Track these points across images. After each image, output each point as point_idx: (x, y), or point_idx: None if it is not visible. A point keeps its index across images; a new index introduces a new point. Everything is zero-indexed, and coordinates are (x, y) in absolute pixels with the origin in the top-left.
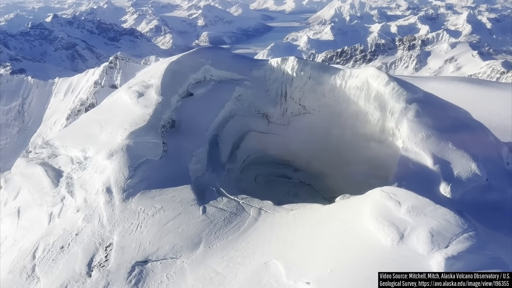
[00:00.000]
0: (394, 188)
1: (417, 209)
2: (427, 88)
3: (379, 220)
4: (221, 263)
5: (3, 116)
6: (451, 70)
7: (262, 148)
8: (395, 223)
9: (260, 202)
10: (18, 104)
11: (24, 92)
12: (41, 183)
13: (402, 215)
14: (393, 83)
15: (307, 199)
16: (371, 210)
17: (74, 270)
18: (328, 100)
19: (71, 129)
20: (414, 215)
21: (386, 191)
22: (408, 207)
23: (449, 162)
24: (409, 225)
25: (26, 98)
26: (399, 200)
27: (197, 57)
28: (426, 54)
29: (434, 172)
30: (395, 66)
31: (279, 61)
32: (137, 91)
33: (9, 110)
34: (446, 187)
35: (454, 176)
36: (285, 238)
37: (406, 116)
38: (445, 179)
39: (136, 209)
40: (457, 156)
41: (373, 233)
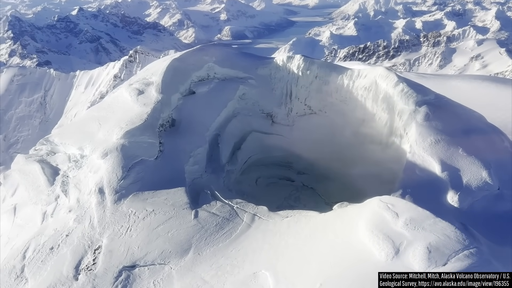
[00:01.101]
0: (393, 198)
1: (416, 222)
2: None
3: (374, 233)
4: (209, 271)
5: (25, 108)
6: (477, 67)
7: (265, 149)
8: (391, 237)
9: (255, 208)
10: (40, 96)
11: (46, 84)
12: (37, 181)
13: (399, 228)
14: (402, 84)
15: (309, 204)
16: (367, 221)
17: (61, 273)
18: (334, 101)
19: (71, 126)
20: (411, 229)
21: (384, 201)
22: (406, 219)
23: (458, 169)
24: (406, 239)
25: (48, 90)
26: (397, 212)
27: (200, 55)
28: (451, 51)
29: (442, 180)
30: (419, 63)
31: (284, 59)
32: (137, 89)
33: (31, 101)
34: (454, 196)
35: (463, 184)
36: (276, 247)
37: (415, 119)
38: (453, 187)
39: (127, 212)
40: (468, 163)
41: (367, 246)
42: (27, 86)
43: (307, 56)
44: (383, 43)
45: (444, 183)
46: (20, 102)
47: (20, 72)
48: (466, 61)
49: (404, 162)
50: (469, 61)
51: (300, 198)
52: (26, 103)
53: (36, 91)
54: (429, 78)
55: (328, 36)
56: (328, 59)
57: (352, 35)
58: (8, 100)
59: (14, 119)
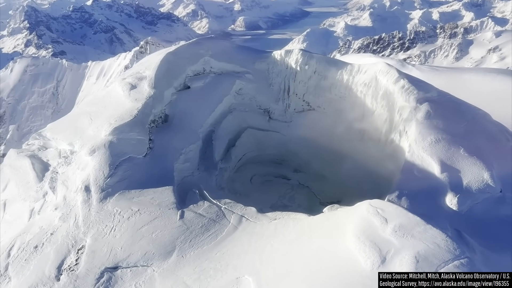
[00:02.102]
0: (383, 202)
1: (405, 229)
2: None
3: (361, 239)
4: (192, 274)
5: (38, 98)
6: (494, 60)
7: (260, 146)
8: (378, 244)
9: (243, 208)
10: (52, 86)
11: (58, 75)
12: (27, 177)
13: (387, 235)
14: (403, 81)
15: (303, 203)
16: (354, 227)
17: (43, 273)
18: (333, 97)
19: (64, 121)
20: (400, 236)
21: (374, 206)
22: (395, 226)
23: (458, 170)
24: (393, 247)
25: (61, 80)
26: (386, 217)
27: (196, 48)
28: (468, 43)
29: (440, 181)
30: (434, 55)
31: (282, 53)
32: (130, 83)
33: (44, 92)
34: (453, 198)
35: (463, 186)
36: (262, 252)
37: (415, 117)
38: (452, 189)
39: (112, 211)
40: (469, 163)
41: (353, 253)
42: (39, 77)
43: (305, 51)
44: (398, 35)
45: (443, 185)
46: (33, 92)
47: (33, 63)
48: (483, 53)
49: (402, 162)
50: (487, 53)
51: (295, 197)
52: (39, 93)
53: (49, 82)
54: (442, 71)
55: (342, 27)
56: (342, 50)
57: (367, 26)
58: (21, 90)
59: (27, 109)
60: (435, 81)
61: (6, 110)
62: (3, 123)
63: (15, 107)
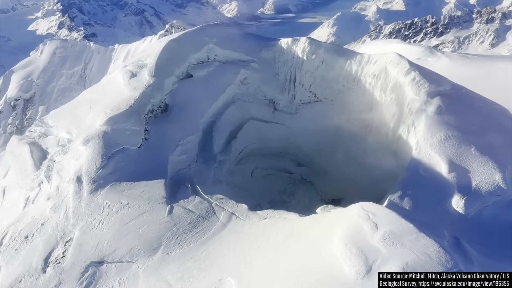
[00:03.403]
0: (376, 206)
1: (395, 237)
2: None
3: (348, 246)
4: (176, 273)
5: (66, 80)
6: None
7: (262, 139)
8: (364, 252)
9: (234, 205)
10: (80, 68)
11: (86, 57)
12: (25, 164)
13: (376, 242)
14: (414, 73)
15: (303, 199)
16: (342, 232)
17: (31, 264)
18: (341, 88)
19: (66, 108)
20: (389, 244)
21: (366, 209)
22: (385, 233)
23: (468, 171)
24: (381, 256)
25: (88, 63)
26: (377, 223)
27: (200, 35)
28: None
29: (447, 182)
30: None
31: (289, 41)
32: (130, 71)
33: (72, 74)
34: (459, 200)
35: (472, 188)
36: (247, 253)
37: (425, 112)
38: (460, 191)
39: (102, 203)
40: (480, 163)
41: (339, 260)
42: (68, 59)
43: (313, 39)
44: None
45: (450, 186)
46: (61, 75)
47: (62, 45)
48: None
49: (408, 159)
50: None
51: (296, 193)
52: (67, 75)
53: (77, 64)
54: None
55: (374, 11)
56: (372, 35)
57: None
58: (50, 72)
59: (55, 91)
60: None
61: (36, 91)
62: (32, 104)
63: (44, 89)
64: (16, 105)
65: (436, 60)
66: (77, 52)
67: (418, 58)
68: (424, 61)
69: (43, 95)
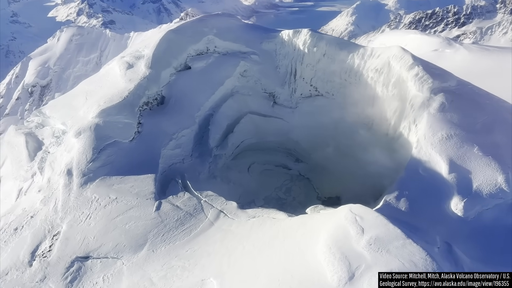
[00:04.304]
0: (365, 209)
1: (381, 242)
2: None
3: (331, 250)
4: (159, 271)
5: (82, 67)
6: None
7: (260, 133)
8: (348, 258)
9: (224, 203)
10: (96, 56)
11: (102, 45)
12: (20, 155)
13: (361, 248)
14: (417, 68)
15: (299, 196)
16: (328, 235)
17: (18, 257)
18: (343, 82)
19: (64, 98)
20: (374, 250)
21: (354, 212)
22: (371, 238)
23: (469, 171)
24: (365, 263)
25: (104, 50)
26: (364, 227)
27: (199, 26)
28: None
29: (447, 182)
30: (492, 32)
31: (290, 33)
32: (127, 62)
33: (88, 61)
34: (459, 202)
35: (473, 190)
36: (231, 253)
37: (427, 109)
38: (460, 192)
39: (91, 197)
40: (482, 164)
41: (322, 265)
42: (84, 46)
43: (315, 31)
44: (454, 9)
45: (449, 187)
46: (77, 62)
47: (78, 32)
48: None
49: (408, 158)
50: None
51: (292, 190)
52: (83, 62)
53: (93, 51)
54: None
55: (395, 0)
56: (392, 25)
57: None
58: (67, 59)
59: (71, 77)
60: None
61: (53, 78)
62: (49, 91)
63: (60, 76)
64: (33, 92)
65: (454, 52)
66: (93, 40)
67: (435, 49)
68: (441, 53)
69: (60, 81)
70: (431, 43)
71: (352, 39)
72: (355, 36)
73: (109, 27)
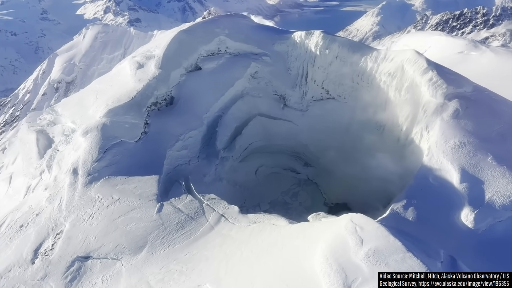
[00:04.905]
0: (366, 219)
1: (380, 255)
2: None
3: (328, 261)
4: (157, 274)
5: (106, 64)
6: None
7: (268, 136)
8: (345, 269)
9: (226, 207)
10: (120, 53)
11: (126, 43)
12: (30, 152)
13: (359, 260)
14: (431, 72)
15: (306, 202)
16: (326, 245)
17: (21, 254)
18: (355, 85)
19: (76, 97)
20: (372, 263)
21: (354, 222)
22: (370, 250)
23: (481, 181)
24: (362, 275)
25: (128, 48)
26: (363, 238)
27: (211, 26)
28: None
29: (458, 192)
30: None
31: (303, 35)
32: (138, 62)
33: (112, 59)
34: (469, 213)
35: (485, 201)
36: (229, 259)
37: (441, 116)
38: (471, 203)
39: (94, 197)
40: (496, 174)
41: (318, 275)
42: (109, 44)
43: (327, 33)
44: (483, 10)
45: (460, 197)
46: (102, 59)
47: (103, 30)
48: None
49: (418, 165)
50: None
51: (299, 194)
52: (107, 60)
53: (117, 49)
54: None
55: (422, 0)
56: (418, 25)
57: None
58: (91, 56)
59: (95, 75)
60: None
61: (78, 74)
62: (74, 87)
63: (85, 72)
64: (59, 87)
65: (480, 54)
66: (117, 37)
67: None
68: (467, 55)
69: (84, 78)
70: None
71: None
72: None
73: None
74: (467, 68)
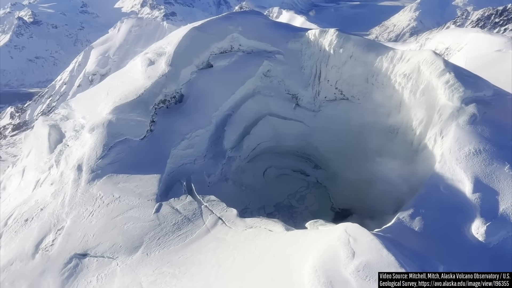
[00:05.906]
0: (361, 230)
1: (370, 270)
2: None
3: (317, 273)
4: (150, 276)
5: None
6: None
7: (278, 136)
8: (333, 283)
9: (224, 209)
10: None
11: (159, 36)
12: (42, 146)
13: (348, 273)
14: (449, 75)
15: (312, 206)
16: (317, 256)
17: (24, 248)
18: (370, 86)
19: (89, 92)
20: (361, 277)
21: (348, 233)
22: (361, 263)
23: (496, 192)
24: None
25: None
26: (355, 250)
27: (224, 24)
28: None
29: (470, 202)
30: None
31: (317, 33)
32: (149, 59)
33: None
34: (481, 226)
35: (498, 213)
36: (221, 265)
37: (456, 121)
38: (483, 215)
39: (96, 194)
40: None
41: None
42: (142, 37)
43: (342, 31)
44: None
45: (472, 208)
46: (135, 52)
47: (137, 23)
48: None
49: (430, 172)
50: None
51: (306, 198)
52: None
53: (150, 42)
54: None
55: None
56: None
57: None
58: (125, 49)
59: None
60: None
61: (112, 67)
62: None
63: (119, 65)
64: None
65: None
66: (151, 31)
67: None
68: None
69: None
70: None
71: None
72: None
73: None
74: (504, 67)
